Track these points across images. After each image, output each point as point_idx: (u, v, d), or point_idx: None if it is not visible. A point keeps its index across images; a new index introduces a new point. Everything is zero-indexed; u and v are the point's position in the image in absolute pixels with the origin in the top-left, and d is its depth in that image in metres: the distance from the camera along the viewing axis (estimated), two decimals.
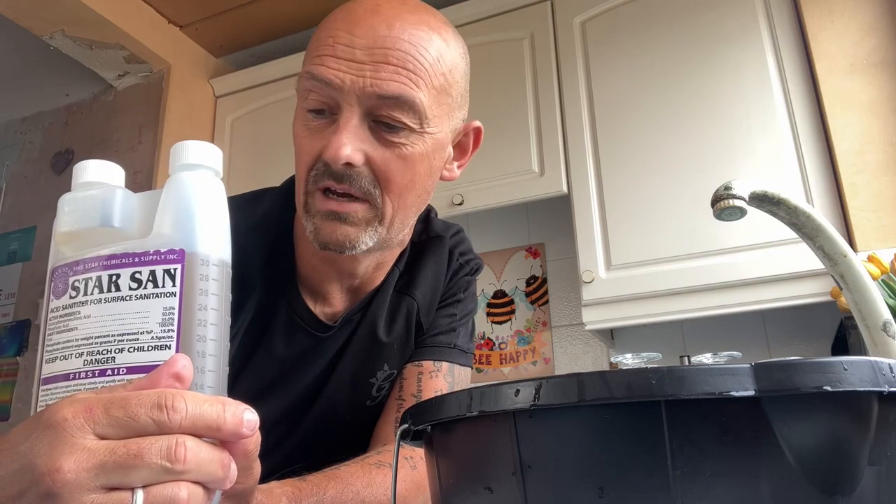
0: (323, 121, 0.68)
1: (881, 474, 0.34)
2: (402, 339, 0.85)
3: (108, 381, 0.37)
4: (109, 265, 0.39)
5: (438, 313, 0.88)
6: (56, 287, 0.40)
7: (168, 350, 0.38)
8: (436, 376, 0.85)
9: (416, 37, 0.67)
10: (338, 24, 0.68)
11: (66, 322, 0.39)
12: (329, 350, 0.81)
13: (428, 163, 0.71)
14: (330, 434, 0.83)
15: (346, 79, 0.65)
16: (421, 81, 0.66)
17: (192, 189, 0.41)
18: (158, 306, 0.39)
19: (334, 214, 0.68)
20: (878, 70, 1.65)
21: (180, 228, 0.40)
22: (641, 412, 0.33)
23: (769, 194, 0.59)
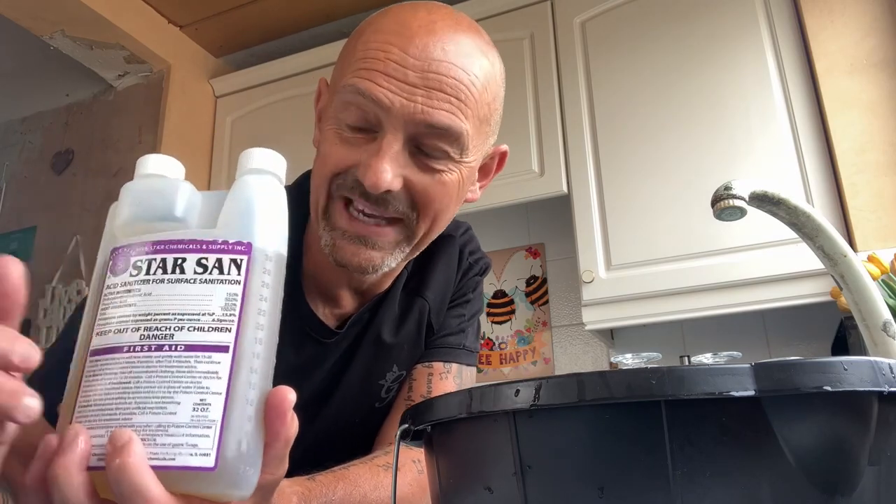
0: (360, 134, 0.65)
1: (881, 474, 0.34)
2: (412, 340, 0.85)
3: (165, 357, 0.38)
4: (176, 249, 0.40)
5: (448, 314, 0.88)
6: (115, 265, 0.41)
7: (228, 333, 0.39)
8: (446, 378, 0.85)
9: (468, 64, 0.64)
10: (390, 38, 0.64)
11: (123, 298, 0.39)
12: (335, 354, 0.80)
13: (463, 189, 0.70)
14: (339, 438, 0.82)
15: (396, 101, 0.62)
16: (469, 112, 0.65)
17: (258, 190, 0.43)
18: (222, 292, 0.39)
19: (360, 238, 0.66)
20: (878, 70, 1.65)
21: (246, 224, 0.42)
22: (641, 412, 0.33)
23: (769, 194, 0.59)
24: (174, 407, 0.37)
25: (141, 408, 0.37)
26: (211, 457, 0.36)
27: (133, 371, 0.37)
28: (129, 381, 0.37)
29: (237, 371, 0.38)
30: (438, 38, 0.63)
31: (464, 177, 0.69)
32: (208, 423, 0.37)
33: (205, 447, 0.36)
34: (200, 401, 0.37)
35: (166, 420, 0.36)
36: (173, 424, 0.36)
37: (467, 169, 0.69)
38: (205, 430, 0.37)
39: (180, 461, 0.36)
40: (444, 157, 0.66)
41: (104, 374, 0.38)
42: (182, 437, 0.36)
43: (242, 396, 0.38)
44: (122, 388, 0.37)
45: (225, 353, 0.38)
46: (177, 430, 0.36)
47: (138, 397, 0.37)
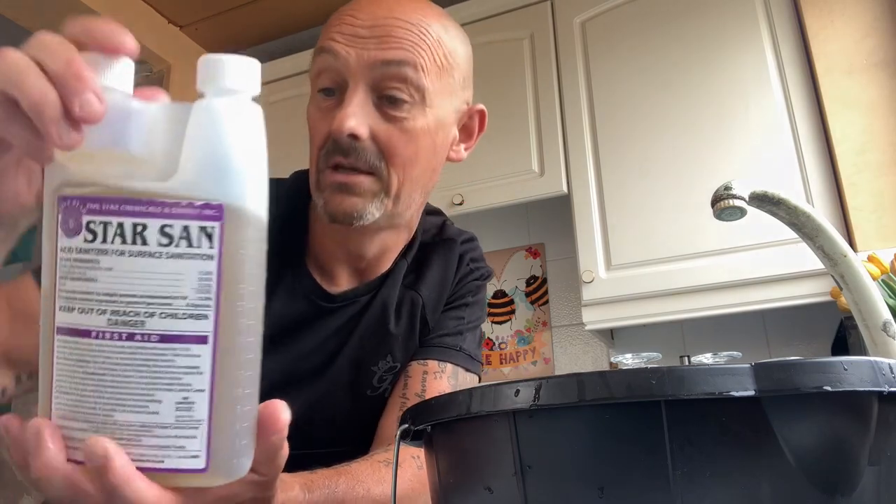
0: (332, 100, 0.72)
1: (881, 474, 0.34)
2: (406, 333, 0.86)
3: (138, 348, 0.34)
4: (133, 212, 0.34)
5: (445, 315, 0.89)
6: (66, 222, 0.35)
7: (206, 320, 0.34)
8: (440, 377, 0.85)
9: (416, 20, 0.71)
10: (342, 12, 0.73)
11: (82, 269, 0.34)
12: (331, 326, 0.81)
13: (431, 138, 0.74)
14: (329, 419, 0.83)
15: (352, 52, 0.69)
16: (423, 53, 0.71)
17: (229, 126, 0.35)
18: (193, 270, 0.34)
19: (342, 186, 0.71)
20: (878, 70, 1.65)
21: (216, 176, 0.34)
22: (641, 412, 0.33)
23: (769, 194, 0.59)
24: (156, 406, 0.34)
25: (121, 405, 0.34)
26: (201, 458, 0.34)
27: (107, 362, 0.34)
28: (104, 374, 0.34)
29: (221, 365, 0.35)
30: (385, 4, 0.72)
31: (430, 126, 0.73)
32: (194, 423, 0.34)
33: (193, 449, 0.34)
34: (183, 399, 0.34)
35: (149, 420, 0.34)
36: (158, 425, 0.34)
37: (434, 116, 0.73)
38: (191, 431, 0.34)
39: (169, 464, 0.34)
40: (405, 103, 0.71)
41: (75, 360, 0.34)
42: (168, 439, 0.34)
43: (229, 393, 0.35)
44: (97, 379, 0.34)
45: (204, 345, 0.34)
46: (162, 432, 0.34)
47: (116, 393, 0.34)
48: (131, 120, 0.34)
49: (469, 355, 0.89)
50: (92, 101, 0.33)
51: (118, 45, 0.34)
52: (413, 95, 0.71)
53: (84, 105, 0.33)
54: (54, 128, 0.33)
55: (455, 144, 0.80)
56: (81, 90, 0.33)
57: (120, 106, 0.35)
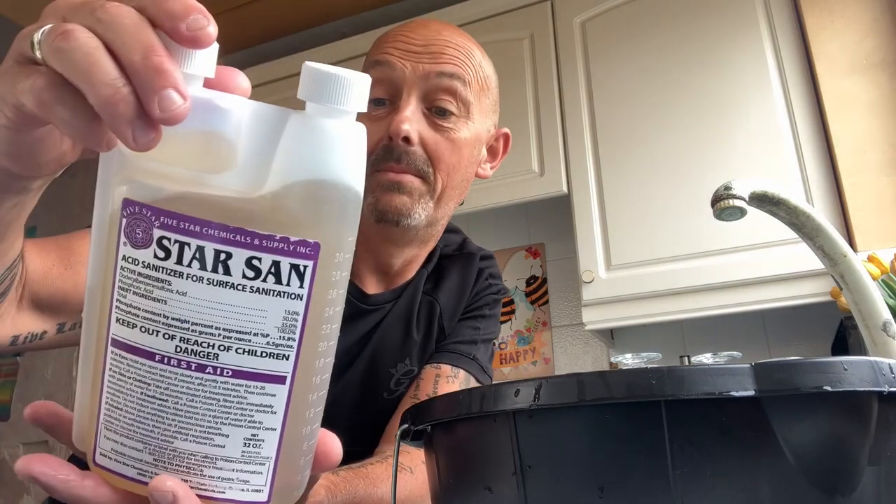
0: (383, 110, 0.78)
1: (881, 474, 0.34)
2: (424, 338, 0.88)
3: (209, 380, 0.31)
4: (217, 237, 0.30)
5: (461, 323, 0.91)
6: (133, 231, 0.30)
7: (286, 361, 0.32)
8: (452, 382, 0.87)
9: (461, 42, 0.81)
10: (395, 31, 0.81)
11: (149, 287, 0.31)
12: (362, 329, 0.83)
13: (470, 150, 0.81)
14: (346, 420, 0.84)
15: (408, 64, 0.77)
16: (469, 72, 0.79)
17: (338, 154, 0.31)
18: (279, 308, 0.31)
19: (393, 185, 0.76)
20: (878, 70, 1.65)
21: (315, 209, 0.31)
22: (641, 412, 0.33)
23: (769, 194, 0.59)
24: (222, 440, 0.32)
25: (183, 434, 0.32)
26: (264, 493, 0.33)
27: (171, 389, 0.31)
28: (167, 399, 0.32)
29: (294, 405, 0.33)
30: (434, 27, 0.81)
31: (470, 139, 0.80)
32: (261, 459, 0.33)
33: (257, 484, 0.33)
34: (252, 436, 0.32)
35: (214, 452, 0.32)
36: (222, 458, 0.32)
37: (474, 130, 0.81)
38: (257, 468, 0.33)
39: (231, 495, 0.33)
40: (452, 115, 0.78)
41: (133, 378, 0.32)
42: (232, 473, 0.33)
43: (299, 431, 0.34)
44: (159, 404, 0.32)
45: (281, 385, 0.32)
46: (226, 465, 0.32)
47: (179, 421, 0.32)
48: (216, 112, 0.29)
49: (481, 366, 0.91)
50: (175, 100, 0.27)
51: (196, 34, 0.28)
52: (460, 108, 0.78)
53: (165, 104, 0.27)
54: (128, 128, 0.27)
55: (483, 162, 0.88)
56: (162, 86, 0.27)
57: (203, 97, 0.29)
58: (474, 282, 0.93)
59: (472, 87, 0.79)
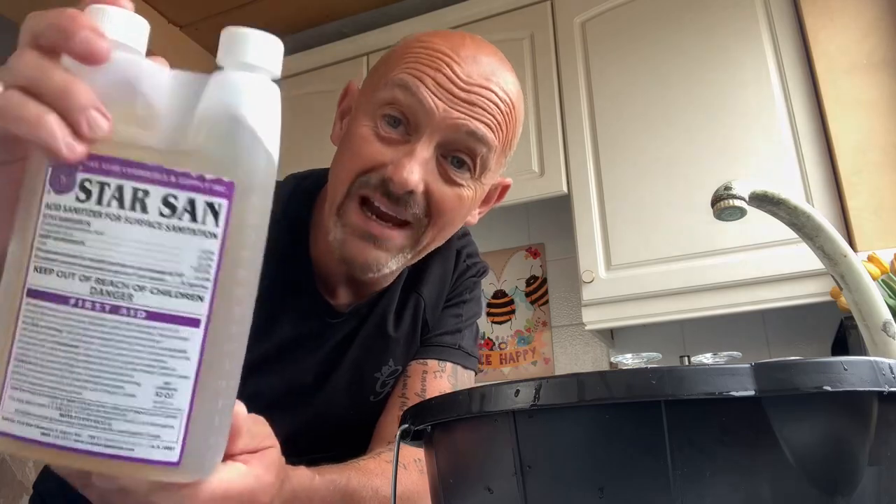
0: (395, 133, 0.67)
1: (881, 474, 0.34)
2: (408, 336, 0.86)
3: (122, 322, 0.31)
4: (136, 176, 0.32)
5: (444, 313, 0.89)
6: (57, 177, 0.32)
7: (200, 302, 0.32)
8: (440, 377, 0.85)
9: (506, 98, 0.69)
10: (441, 55, 0.67)
11: (69, 230, 0.32)
12: (334, 339, 0.81)
13: (471, 207, 0.74)
14: (329, 428, 0.83)
15: (440, 106, 0.66)
16: (500, 134, 0.69)
17: (247, 101, 0.33)
18: (194, 247, 0.32)
19: (371, 237, 0.68)
20: (878, 70, 1.65)
21: (229, 150, 0.32)
22: (641, 412, 0.33)
23: (769, 194, 0.59)
24: (133, 388, 0.31)
25: (93, 382, 0.31)
26: (175, 451, 0.32)
27: (83, 334, 0.31)
28: (78, 345, 0.31)
29: (209, 352, 0.33)
30: (487, 69, 0.68)
31: (476, 197, 0.73)
32: (173, 411, 0.32)
33: (168, 439, 0.32)
34: (165, 384, 0.32)
35: (124, 402, 0.31)
36: (132, 409, 0.31)
37: (481, 190, 0.73)
38: (169, 420, 0.32)
39: (140, 452, 0.32)
40: (466, 172, 0.69)
41: (46, 327, 0.31)
42: (142, 426, 0.32)
43: (214, 384, 0.33)
44: (70, 351, 0.31)
45: (195, 329, 0.32)
46: (136, 417, 0.31)
47: (90, 368, 0.31)
48: (142, 80, 0.32)
49: (467, 353, 0.90)
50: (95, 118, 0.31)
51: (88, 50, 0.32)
52: (476, 169, 0.70)
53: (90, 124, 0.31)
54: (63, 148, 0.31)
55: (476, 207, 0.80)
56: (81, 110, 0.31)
57: (130, 63, 0.32)
58: (454, 266, 0.90)
59: (497, 151, 0.70)
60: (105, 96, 0.32)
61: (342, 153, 0.71)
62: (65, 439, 0.31)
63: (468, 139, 0.67)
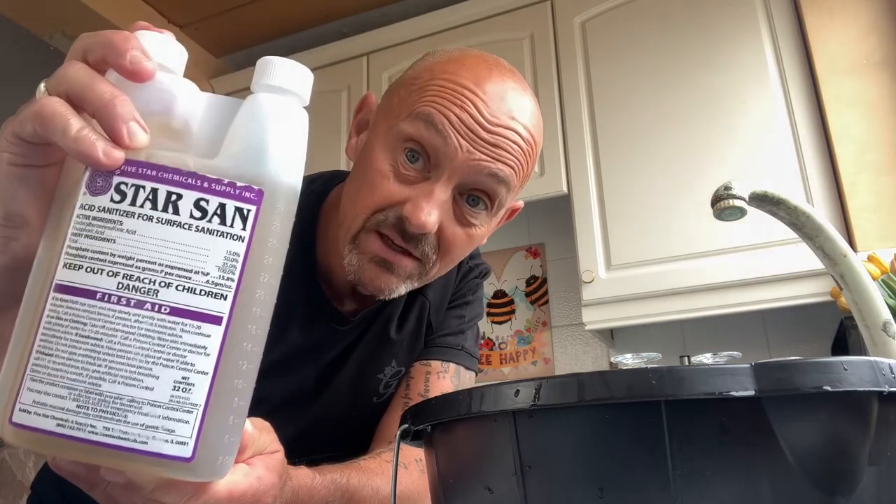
0: (414, 170, 0.67)
1: (881, 474, 0.34)
2: (412, 337, 0.86)
3: (146, 317, 0.32)
4: (171, 180, 0.34)
5: (448, 314, 0.90)
6: (94, 180, 0.34)
7: (223, 301, 0.33)
8: (443, 377, 0.86)
9: (528, 137, 0.69)
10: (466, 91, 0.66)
11: (101, 229, 0.33)
12: (340, 344, 0.81)
13: (479, 243, 0.75)
14: (332, 430, 0.83)
15: (464, 146, 0.65)
16: (521, 175, 0.70)
17: (277, 118, 0.36)
18: (221, 248, 0.34)
19: (385, 263, 0.68)
20: (878, 70, 1.65)
21: (260, 163, 0.35)
22: (641, 412, 0.33)
23: (769, 194, 0.59)
24: (152, 381, 0.32)
25: (112, 374, 0.32)
26: (189, 446, 0.33)
27: (106, 327, 0.32)
28: (101, 339, 0.32)
29: (229, 350, 0.33)
30: (512, 106, 0.67)
31: (488, 232, 0.74)
32: (189, 406, 0.33)
33: (183, 434, 0.32)
34: (183, 378, 0.33)
35: (141, 395, 0.32)
36: (149, 402, 0.32)
37: (493, 225, 0.75)
38: (185, 415, 0.32)
39: (153, 446, 0.32)
40: (482, 210, 0.70)
41: (70, 320, 0.32)
42: (157, 419, 0.32)
43: (230, 382, 0.34)
44: (92, 344, 0.32)
45: (217, 326, 0.33)
46: (152, 410, 0.32)
47: (110, 361, 0.32)
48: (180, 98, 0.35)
49: (469, 353, 0.90)
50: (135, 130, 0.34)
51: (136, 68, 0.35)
52: (493, 207, 0.70)
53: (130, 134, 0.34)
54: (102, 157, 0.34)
55: None
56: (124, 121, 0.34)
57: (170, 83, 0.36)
58: (457, 268, 0.90)
59: (514, 190, 0.70)
60: (145, 111, 0.35)
61: (359, 182, 0.70)
62: (79, 431, 0.32)
63: (488, 181, 0.67)
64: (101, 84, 0.35)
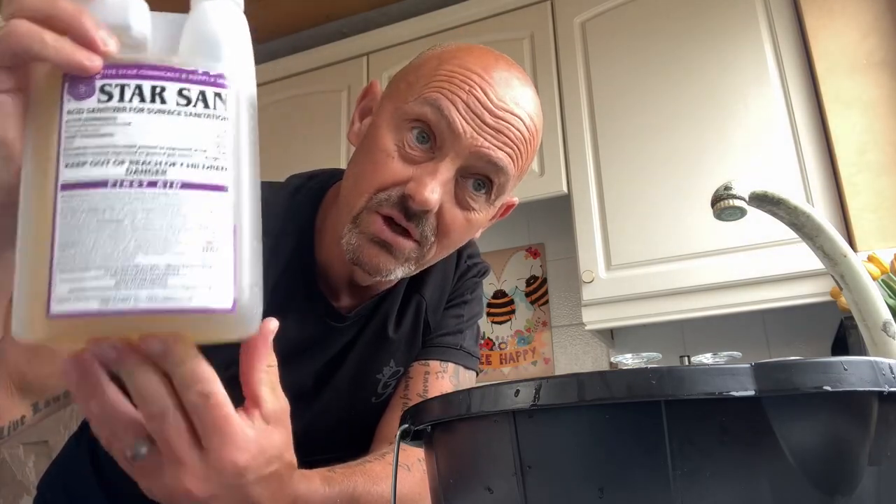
0: (419, 150, 0.68)
1: (881, 474, 0.34)
2: (409, 336, 0.86)
3: (161, 194, 0.35)
4: (151, 76, 0.36)
5: (446, 313, 0.89)
6: (76, 87, 0.36)
7: (225, 172, 0.37)
8: (442, 377, 0.86)
9: (530, 125, 0.71)
10: (474, 76, 0.68)
11: (97, 127, 0.35)
12: (337, 343, 0.81)
13: (477, 230, 0.76)
14: (331, 431, 0.83)
15: (468, 130, 0.67)
16: (520, 163, 0.71)
17: (225, 18, 0.39)
18: (210, 128, 0.37)
19: (384, 244, 0.69)
20: (878, 70, 1.65)
21: (218, 54, 0.38)
22: (641, 412, 0.33)
23: (769, 194, 0.59)
24: (181, 247, 0.35)
25: (143, 248, 0.34)
26: (229, 297, 0.35)
27: (126, 209, 0.34)
28: (124, 219, 0.34)
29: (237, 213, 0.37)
30: (516, 94, 0.70)
31: (485, 219, 0.75)
32: (221, 263, 0.35)
33: (222, 287, 0.35)
34: (208, 241, 0.35)
35: (176, 261, 0.34)
36: (184, 265, 0.34)
37: (491, 213, 0.75)
38: (218, 272, 0.35)
39: (198, 302, 0.34)
40: (483, 195, 0.71)
41: (87, 210, 0.34)
42: (196, 278, 0.35)
43: (246, 241, 0.37)
44: (115, 226, 0.34)
45: (224, 193, 0.37)
46: (189, 272, 0.34)
47: (137, 236, 0.34)
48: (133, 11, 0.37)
49: (468, 353, 0.90)
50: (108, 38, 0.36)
51: None
52: (493, 193, 0.72)
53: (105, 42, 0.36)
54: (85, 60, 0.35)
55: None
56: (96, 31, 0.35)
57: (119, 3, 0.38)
58: (455, 267, 0.90)
59: (514, 178, 0.72)
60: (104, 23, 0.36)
61: (363, 161, 0.71)
62: (125, 302, 0.33)
63: (489, 167, 0.69)
64: (61, 2, 0.36)
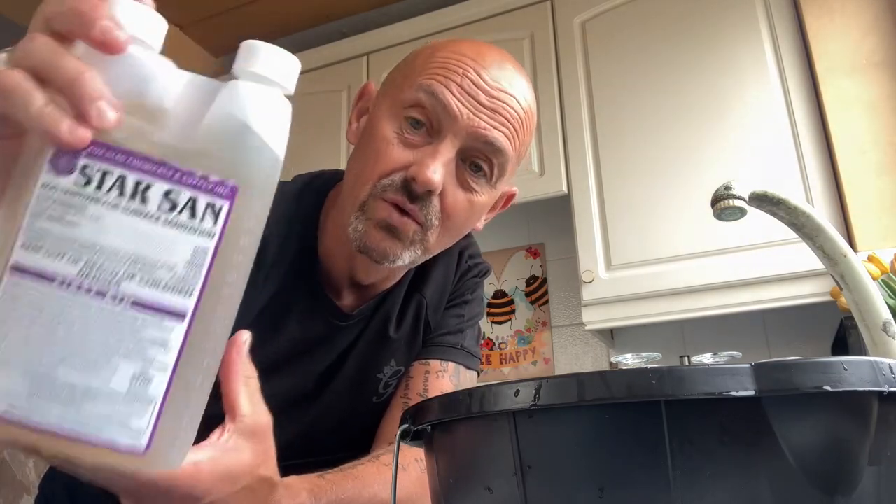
0: (417, 136, 0.69)
1: (881, 474, 0.34)
2: (409, 336, 0.86)
3: (106, 308, 0.31)
4: (140, 168, 0.32)
5: (446, 313, 0.89)
6: (58, 158, 0.32)
7: (189, 297, 0.32)
8: (442, 376, 0.86)
9: (526, 107, 0.72)
10: (468, 61, 0.70)
11: (64, 211, 0.31)
12: (340, 343, 0.81)
13: (481, 213, 0.76)
14: (332, 431, 0.83)
15: (464, 112, 0.68)
16: (517, 143, 0.72)
17: (260, 111, 0.33)
18: (189, 243, 0.32)
19: (391, 228, 0.69)
20: (878, 70, 1.65)
21: (237, 155, 0.33)
22: (641, 412, 0.33)
23: (769, 194, 0.59)
24: (109, 372, 0.31)
25: (68, 362, 0.31)
26: (142, 440, 0.32)
27: (65, 314, 0.31)
28: (59, 325, 0.31)
29: (191, 346, 0.33)
30: (510, 76, 0.71)
31: (487, 203, 0.75)
32: (147, 399, 0.32)
33: (138, 427, 0.32)
34: (142, 372, 0.32)
35: (98, 385, 0.31)
36: (105, 393, 0.31)
37: (492, 197, 0.75)
38: (141, 408, 0.32)
39: (107, 435, 0.31)
40: (483, 177, 0.71)
41: (27, 304, 0.31)
42: (113, 410, 0.31)
43: (189, 380, 0.33)
44: (49, 330, 0.31)
45: (180, 323, 0.32)
46: (109, 400, 0.31)
47: (67, 348, 0.31)
48: (155, 76, 0.33)
49: (469, 353, 0.90)
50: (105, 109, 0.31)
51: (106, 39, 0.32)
52: (493, 175, 0.72)
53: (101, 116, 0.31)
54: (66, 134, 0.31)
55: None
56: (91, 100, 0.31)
57: (145, 58, 0.33)
58: (456, 267, 0.90)
59: (512, 159, 0.72)
60: (116, 88, 0.32)
61: (364, 152, 0.72)
62: (31, 416, 0.30)
63: (487, 147, 0.69)
64: (66, 59, 0.32)
